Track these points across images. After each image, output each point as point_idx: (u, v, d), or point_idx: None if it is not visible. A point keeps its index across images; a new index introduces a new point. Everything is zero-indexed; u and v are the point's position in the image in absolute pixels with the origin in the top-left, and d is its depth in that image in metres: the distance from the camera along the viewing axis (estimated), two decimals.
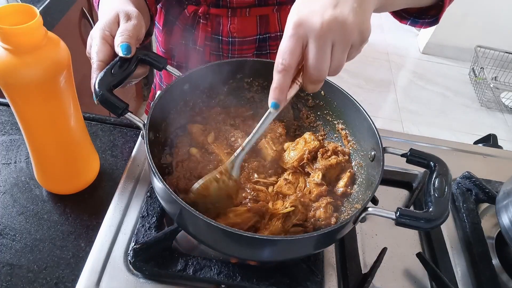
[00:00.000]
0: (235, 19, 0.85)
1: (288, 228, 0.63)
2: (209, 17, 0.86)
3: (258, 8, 0.84)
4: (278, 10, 0.85)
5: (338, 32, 0.46)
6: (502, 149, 0.97)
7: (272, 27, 0.87)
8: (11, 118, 0.85)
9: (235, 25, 0.85)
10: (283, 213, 0.62)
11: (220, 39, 0.88)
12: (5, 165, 0.77)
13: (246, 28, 0.86)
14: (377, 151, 0.63)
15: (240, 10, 0.83)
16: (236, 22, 0.85)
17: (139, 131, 0.86)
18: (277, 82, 0.49)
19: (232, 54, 0.90)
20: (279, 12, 0.86)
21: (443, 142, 0.94)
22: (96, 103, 0.57)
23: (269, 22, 0.86)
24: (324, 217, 0.63)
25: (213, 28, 0.87)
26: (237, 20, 0.85)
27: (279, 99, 0.50)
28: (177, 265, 0.63)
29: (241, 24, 0.85)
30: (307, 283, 0.63)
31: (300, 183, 0.68)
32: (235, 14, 0.84)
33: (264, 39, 0.88)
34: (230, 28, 0.86)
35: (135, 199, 0.72)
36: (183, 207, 0.52)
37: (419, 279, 0.70)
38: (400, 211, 0.53)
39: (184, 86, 0.69)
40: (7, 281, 0.63)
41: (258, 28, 0.86)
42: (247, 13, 0.84)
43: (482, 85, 2.87)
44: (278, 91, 0.49)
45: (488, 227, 0.78)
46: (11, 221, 0.70)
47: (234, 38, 0.87)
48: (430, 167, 0.59)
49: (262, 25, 0.86)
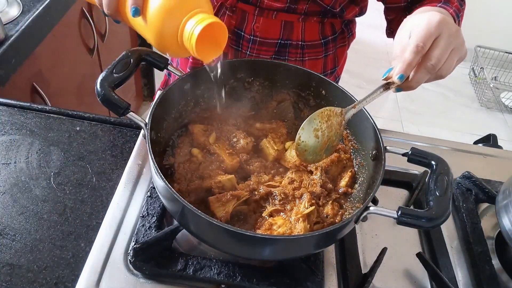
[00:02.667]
0: (260, 18, 0.85)
1: (313, 227, 0.63)
2: (235, 11, 0.86)
3: (285, 14, 0.84)
4: (304, 20, 0.86)
5: (460, 42, 0.60)
6: (502, 149, 0.97)
7: (295, 35, 0.87)
8: (11, 118, 0.85)
9: (259, 25, 0.86)
10: (307, 214, 0.62)
11: (242, 35, 0.88)
12: (5, 165, 0.77)
13: (270, 30, 0.86)
14: (378, 150, 0.63)
15: (267, 12, 0.84)
16: (261, 22, 0.85)
17: (139, 131, 0.86)
18: (411, 59, 0.58)
19: (250, 52, 0.90)
20: (304, 22, 0.86)
21: (443, 142, 0.94)
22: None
23: (293, 30, 0.87)
24: (332, 214, 0.64)
25: (237, 22, 0.87)
26: (262, 20, 0.85)
27: (407, 73, 0.59)
28: (177, 265, 0.63)
29: (265, 25, 0.86)
30: (307, 283, 0.63)
31: (305, 181, 0.68)
32: (262, 14, 0.85)
33: (285, 44, 0.88)
34: (254, 26, 0.86)
35: (135, 199, 0.72)
36: (184, 205, 0.52)
37: (419, 279, 0.70)
38: (402, 210, 0.53)
39: (185, 85, 0.70)
40: (7, 281, 0.63)
41: (281, 33, 0.87)
42: (273, 16, 0.84)
43: (482, 85, 2.87)
44: (408, 67, 0.58)
45: (488, 227, 0.78)
46: (11, 221, 0.70)
47: (256, 37, 0.87)
48: (431, 166, 0.60)
49: (286, 31, 0.87)
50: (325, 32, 0.90)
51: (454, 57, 0.60)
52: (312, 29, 0.88)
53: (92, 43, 1.54)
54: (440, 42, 0.58)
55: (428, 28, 0.58)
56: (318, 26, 0.88)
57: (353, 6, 0.86)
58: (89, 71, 1.59)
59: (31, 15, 1.13)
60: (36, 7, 1.16)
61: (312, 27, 0.87)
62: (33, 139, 0.82)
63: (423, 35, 0.58)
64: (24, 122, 0.85)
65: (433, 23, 0.58)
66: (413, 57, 0.58)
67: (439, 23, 0.58)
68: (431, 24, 0.58)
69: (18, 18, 1.12)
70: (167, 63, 0.66)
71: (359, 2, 0.86)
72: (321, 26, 0.88)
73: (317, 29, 0.88)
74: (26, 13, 1.13)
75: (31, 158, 0.79)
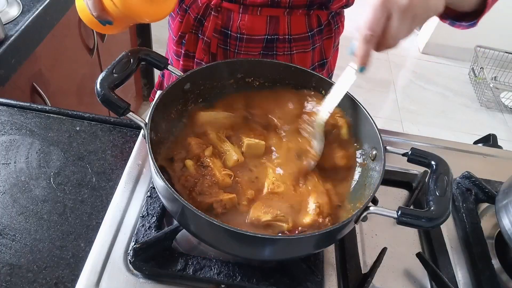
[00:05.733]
0: (245, 16, 0.85)
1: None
2: (220, 10, 0.87)
3: (269, 9, 0.84)
4: (289, 13, 0.86)
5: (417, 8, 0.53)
6: (502, 149, 0.97)
7: (281, 29, 0.87)
8: (11, 118, 0.85)
9: (245, 22, 0.86)
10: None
11: (229, 33, 0.88)
12: (4, 165, 0.77)
13: (256, 26, 0.87)
14: (378, 150, 0.63)
15: (252, 8, 0.84)
16: (247, 19, 0.86)
17: (139, 131, 0.86)
18: (366, 50, 0.56)
19: (239, 50, 0.90)
20: (289, 16, 0.86)
21: (443, 142, 0.94)
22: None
23: (279, 24, 0.87)
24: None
25: (223, 22, 0.88)
26: (248, 17, 0.86)
27: (366, 63, 0.58)
28: (177, 265, 0.63)
29: (251, 22, 0.86)
30: (307, 283, 0.63)
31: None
32: (247, 11, 0.85)
33: (272, 40, 0.89)
34: (240, 24, 0.86)
35: (135, 199, 0.72)
36: (184, 205, 0.52)
37: (419, 279, 0.70)
38: (402, 210, 0.53)
39: (185, 85, 0.70)
40: (7, 281, 0.63)
41: (267, 28, 0.87)
42: (258, 12, 0.84)
43: (482, 85, 2.87)
44: (365, 58, 0.57)
45: (488, 227, 0.78)
46: (10, 221, 0.70)
47: (242, 35, 0.88)
48: (431, 166, 0.60)
49: (272, 26, 0.87)
50: (312, 25, 0.89)
51: (415, 24, 0.55)
52: (298, 22, 0.88)
53: (92, 43, 1.54)
54: (393, 21, 0.54)
55: (373, 10, 0.54)
56: (304, 18, 0.88)
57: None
58: (89, 71, 1.59)
59: (31, 15, 1.13)
60: (36, 7, 1.15)
61: (298, 20, 0.87)
62: (33, 139, 0.82)
63: (369, 20, 0.54)
64: (24, 122, 0.85)
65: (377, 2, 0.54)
66: (366, 48, 0.56)
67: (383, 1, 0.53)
68: (375, 4, 0.54)
69: (18, 18, 1.12)
70: (167, 63, 0.66)
71: None
72: (307, 18, 0.88)
73: (303, 22, 0.88)
74: (26, 13, 1.13)
75: (31, 158, 0.79)
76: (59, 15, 1.28)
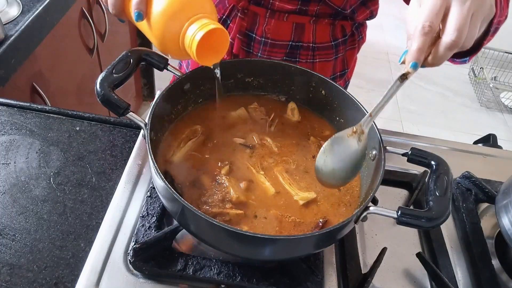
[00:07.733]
0: (272, 20, 0.85)
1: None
2: (247, 13, 0.86)
3: (296, 16, 0.84)
4: (315, 22, 0.86)
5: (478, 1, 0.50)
6: (501, 149, 0.97)
7: (306, 37, 0.87)
8: (11, 118, 0.85)
9: (270, 27, 0.86)
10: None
11: (253, 37, 0.88)
12: (4, 165, 0.77)
13: (281, 32, 0.87)
14: (378, 150, 0.63)
15: (279, 14, 0.84)
16: (272, 24, 0.86)
17: (138, 131, 0.86)
18: (421, 43, 0.50)
19: (262, 54, 0.90)
20: (315, 24, 0.86)
21: (442, 142, 0.94)
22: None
23: (304, 32, 0.87)
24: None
25: (249, 25, 0.87)
26: (274, 22, 0.85)
27: (420, 60, 0.51)
28: (177, 265, 0.63)
29: (276, 27, 0.86)
30: (307, 283, 0.63)
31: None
32: (273, 16, 0.85)
33: (296, 46, 0.89)
34: (265, 28, 0.86)
35: (135, 199, 0.72)
36: (184, 205, 0.52)
37: (419, 279, 0.70)
38: (402, 210, 0.53)
39: (185, 85, 0.70)
40: (7, 281, 0.63)
41: (292, 35, 0.87)
42: (285, 18, 0.85)
43: (482, 85, 2.87)
44: (420, 52, 0.51)
45: (488, 227, 0.78)
46: (10, 221, 0.70)
47: (267, 39, 0.88)
48: (431, 166, 0.59)
49: (297, 33, 0.87)
50: (336, 35, 0.90)
51: (477, 21, 0.51)
52: (323, 31, 0.88)
53: (92, 43, 1.54)
54: (454, 11, 0.50)
55: (433, 1, 0.50)
56: (329, 28, 0.88)
57: (364, 8, 0.86)
58: (89, 71, 1.59)
59: (31, 15, 1.13)
60: (36, 7, 1.16)
61: (323, 29, 0.87)
62: (33, 139, 0.82)
63: (429, 11, 0.50)
64: (24, 122, 0.85)
65: None
66: (422, 41, 0.50)
67: None
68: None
69: (18, 18, 1.12)
70: (167, 63, 0.66)
71: (370, 5, 0.87)
72: (332, 28, 0.88)
73: (328, 31, 0.88)
74: (26, 13, 1.13)
75: (31, 158, 0.79)
76: (59, 15, 1.28)
